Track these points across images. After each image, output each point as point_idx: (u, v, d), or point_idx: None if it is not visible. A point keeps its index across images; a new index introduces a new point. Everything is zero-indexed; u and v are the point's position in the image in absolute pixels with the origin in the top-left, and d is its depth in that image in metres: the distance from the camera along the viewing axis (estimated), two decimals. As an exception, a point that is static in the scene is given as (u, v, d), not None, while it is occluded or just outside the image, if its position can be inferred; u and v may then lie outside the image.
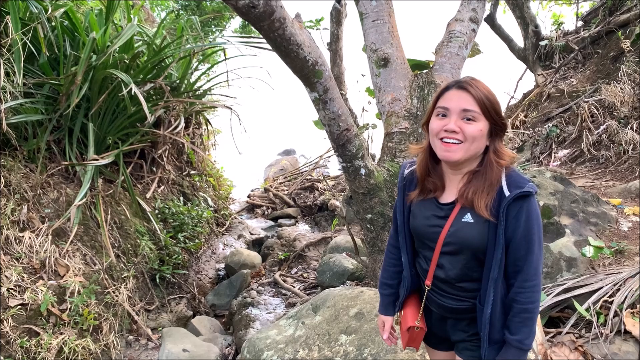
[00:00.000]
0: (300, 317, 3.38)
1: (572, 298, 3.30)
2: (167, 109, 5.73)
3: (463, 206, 1.69)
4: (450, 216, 1.71)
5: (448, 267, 1.76)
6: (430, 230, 1.77)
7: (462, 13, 4.26)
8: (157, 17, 11.08)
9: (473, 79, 1.69)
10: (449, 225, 1.70)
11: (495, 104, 1.65)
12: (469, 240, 1.67)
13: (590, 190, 4.81)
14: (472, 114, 1.62)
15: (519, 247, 1.63)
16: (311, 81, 3.04)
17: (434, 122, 1.70)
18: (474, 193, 1.65)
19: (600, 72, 8.01)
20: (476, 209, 1.64)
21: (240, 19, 8.99)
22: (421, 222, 1.80)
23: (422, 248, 1.86)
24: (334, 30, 8.42)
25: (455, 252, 1.72)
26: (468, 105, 1.62)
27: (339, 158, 3.56)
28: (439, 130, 1.66)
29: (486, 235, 1.65)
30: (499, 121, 1.66)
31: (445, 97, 1.68)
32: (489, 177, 1.65)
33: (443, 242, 1.72)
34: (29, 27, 4.23)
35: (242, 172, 10.91)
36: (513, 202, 1.61)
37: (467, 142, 1.62)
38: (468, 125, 1.62)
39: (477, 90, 1.63)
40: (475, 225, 1.66)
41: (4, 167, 3.98)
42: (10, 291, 3.44)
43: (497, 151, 1.68)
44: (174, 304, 5.06)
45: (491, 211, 1.63)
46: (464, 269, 1.74)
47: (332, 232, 7.11)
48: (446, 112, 1.66)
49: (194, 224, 5.95)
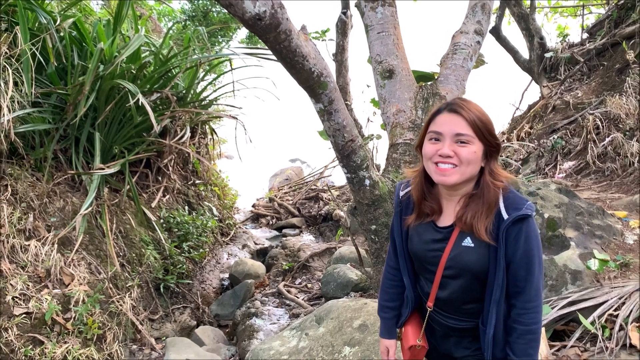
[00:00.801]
0: (304, 328, 3.38)
1: (577, 311, 3.28)
2: (173, 119, 5.76)
3: (462, 230, 1.67)
4: (449, 240, 1.70)
5: (450, 290, 1.74)
6: (430, 255, 1.75)
7: (467, 25, 4.28)
8: (164, 28, 11.18)
9: (464, 100, 1.67)
10: (449, 250, 1.69)
11: (488, 124, 1.64)
12: (470, 265, 1.66)
13: (596, 203, 4.79)
14: (466, 137, 1.59)
15: (519, 268, 1.61)
16: (316, 92, 3.06)
17: (427, 146, 1.68)
18: (472, 217, 1.63)
19: (606, 84, 8.00)
20: (476, 234, 1.63)
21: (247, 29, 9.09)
22: (420, 246, 1.79)
23: (423, 271, 1.84)
24: (339, 41, 8.48)
25: (456, 276, 1.70)
26: (461, 128, 1.60)
27: (343, 169, 3.56)
28: (432, 154, 1.64)
29: (487, 259, 1.64)
30: (493, 142, 1.64)
31: (437, 121, 1.66)
32: (486, 200, 1.64)
33: (444, 267, 1.71)
34: (39, 38, 4.27)
35: (247, 182, 10.94)
36: (512, 225, 1.59)
37: (463, 166, 1.60)
38: (462, 148, 1.59)
39: (469, 112, 1.61)
40: (475, 249, 1.65)
41: (10, 175, 4.01)
42: (15, 300, 3.46)
43: (492, 172, 1.66)
44: (177, 313, 5.06)
45: (491, 234, 1.61)
46: (465, 292, 1.72)
47: (336, 243, 7.09)
48: (439, 137, 1.64)
49: (198, 234, 5.96)
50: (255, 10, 2.25)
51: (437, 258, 1.72)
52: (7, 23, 4.54)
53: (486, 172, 1.66)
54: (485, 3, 4.34)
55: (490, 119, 1.66)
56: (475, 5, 4.34)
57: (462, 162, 1.59)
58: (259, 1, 2.25)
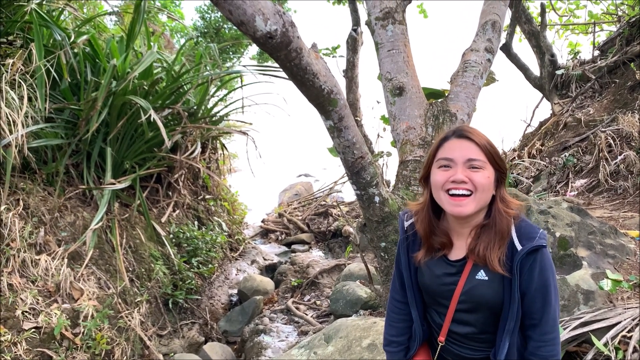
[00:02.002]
0: (313, 346, 3.35)
1: (590, 332, 3.22)
2: (184, 134, 5.80)
3: (475, 263, 1.62)
4: (463, 273, 1.64)
5: (464, 323, 1.69)
6: (443, 289, 1.69)
7: (477, 43, 4.28)
8: (177, 44, 11.31)
9: (469, 127, 1.64)
10: (463, 284, 1.63)
11: (497, 150, 1.60)
12: (485, 299, 1.61)
13: (608, 222, 4.74)
14: (479, 162, 1.54)
15: (535, 300, 1.57)
16: (326, 109, 3.06)
17: (437, 174, 1.61)
18: (485, 249, 1.57)
19: (618, 101, 7.96)
20: (489, 266, 1.57)
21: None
22: (432, 281, 1.72)
23: (434, 304, 1.77)
24: (349, 57, 8.53)
25: (471, 310, 1.65)
26: (473, 154, 1.55)
27: (353, 185, 3.55)
28: (444, 182, 1.57)
29: (502, 292, 1.59)
30: (503, 168, 1.60)
31: (445, 148, 1.61)
32: (499, 230, 1.58)
33: (458, 300, 1.65)
34: (53, 55, 4.34)
35: (257, 197, 10.95)
36: (526, 257, 1.54)
37: (478, 192, 1.54)
38: (476, 173, 1.54)
39: (479, 137, 1.57)
40: (490, 282, 1.60)
41: (23, 190, 4.05)
42: (25, 314, 3.46)
43: (504, 200, 1.62)
44: (186, 329, 5.04)
45: (504, 266, 1.56)
46: (480, 324, 1.67)
47: (345, 259, 7.06)
48: (450, 163, 1.57)
49: (207, 249, 5.96)
50: (266, 28, 2.26)
51: (451, 292, 1.66)
52: (23, 40, 4.63)
53: (497, 200, 1.61)
54: (496, 21, 4.35)
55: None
56: (486, 23, 4.34)
57: (477, 189, 1.54)
58: (270, 19, 2.27)
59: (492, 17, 4.35)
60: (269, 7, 2.25)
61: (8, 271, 3.57)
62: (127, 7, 7.92)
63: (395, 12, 4.15)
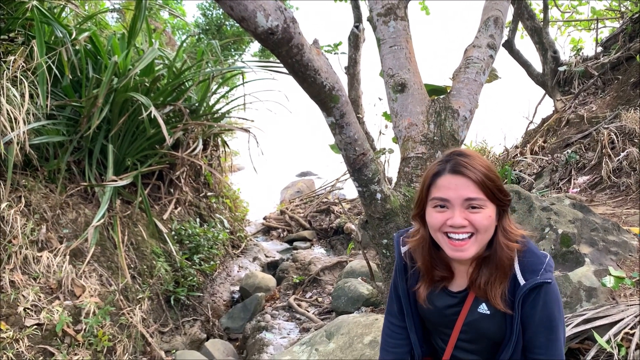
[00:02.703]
0: (314, 343, 3.35)
1: (592, 329, 3.21)
2: (186, 131, 5.80)
3: (477, 295, 1.55)
4: (464, 305, 1.57)
5: (467, 351, 1.65)
6: (445, 320, 1.64)
7: (479, 39, 4.27)
8: (178, 41, 11.30)
9: (463, 154, 1.48)
10: (465, 315, 1.57)
11: (497, 181, 1.46)
12: (487, 333, 1.56)
13: (611, 219, 4.72)
14: (478, 202, 1.43)
15: (537, 334, 1.49)
16: (328, 106, 3.06)
17: (432, 215, 1.49)
18: (485, 283, 1.50)
19: (621, 98, 7.93)
20: (491, 302, 1.50)
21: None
22: (433, 313, 1.66)
23: (437, 332, 1.73)
24: (351, 54, 8.50)
25: (473, 341, 1.61)
26: (470, 193, 1.42)
27: (354, 182, 3.55)
28: (441, 224, 1.46)
29: (504, 326, 1.53)
30: (504, 200, 1.48)
31: (439, 186, 1.47)
32: (500, 265, 1.49)
33: (460, 331, 1.60)
34: (55, 52, 4.33)
35: (259, 194, 10.95)
36: (528, 292, 1.47)
37: (479, 234, 1.44)
38: (476, 215, 1.43)
39: (475, 172, 1.42)
40: (492, 317, 1.53)
41: (24, 187, 4.05)
42: (27, 311, 3.47)
43: (505, 231, 1.50)
44: (188, 326, 5.04)
45: (506, 301, 1.50)
46: (483, 352, 1.63)
47: (347, 256, 7.06)
48: (445, 204, 1.46)
49: (209, 246, 5.96)
50: (267, 24, 2.25)
51: (453, 322, 1.61)
52: (24, 37, 4.62)
53: (499, 233, 1.50)
54: (498, 17, 4.33)
55: (496, 170, 1.50)
56: (488, 19, 4.33)
57: (479, 231, 1.44)
58: (272, 15, 2.26)
59: (495, 13, 4.33)
60: (270, 3, 2.24)
61: (10, 268, 3.57)
62: (128, 4, 7.92)
63: (397, 8, 4.13)
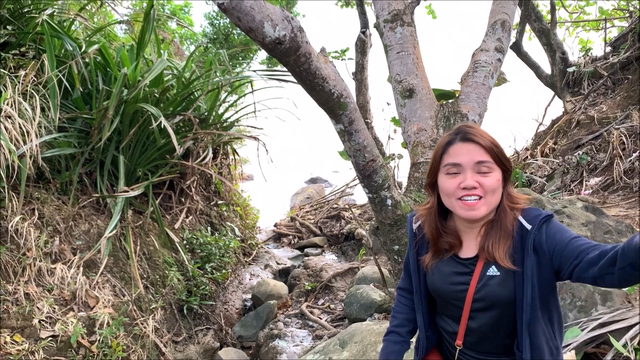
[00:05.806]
0: (327, 352, 3.34)
1: (609, 333, 3.18)
2: (196, 141, 5.83)
3: (487, 260, 1.59)
4: (474, 272, 1.61)
5: (481, 324, 1.63)
6: (454, 289, 1.65)
7: (487, 43, 4.26)
8: (187, 51, 11.39)
9: (470, 126, 1.62)
10: (476, 282, 1.60)
11: (501, 149, 1.59)
12: (498, 294, 1.56)
13: (624, 221, 4.67)
14: (487, 165, 1.54)
15: (571, 243, 1.46)
16: (336, 113, 3.06)
17: (445, 181, 1.60)
18: (492, 245, 1.57)
19: (631, 98, 7.86)
20: (499, 262, 1.55)
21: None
22: (442, 280, 1.69)
23: (447, 309, 1.73)
24: (359, 60, 8.51)
25: (486, 308, 1.60)
26: (480, 156, 1.55)
27: (364, 189, 3.54)
28: (455, 189, 1.57)
29: (513, 286, 1.55)
30: (508, 166, 1.59)
31: (451, 153, 1.59)
32: (503, 225, 1.58)
33: (472, 300, 1.61)
34: (65, 65, 4.38)
35: (269, 201, 10.97)
36: (538, 231, 1.53)
37: (488, 196, 1.55)
38: (485, 178, 1.54)
39: (484, 139, 1.56)
40: (502, 277, 1.56)
41: (37, 199, 4.09)
42: (42, 323, 3.49)
43: (510, 196, 1.62)
44: (201, 335, 5.05)
45: (512, 257, 1.55)
46: (498, 323, 1.62)
47: (359, 262, 7.04)
48: (458, 169, 1.57)
49: (221, 254, 5.97)
50: (275, 34, 2.26)
51: (463, 293, 1.62)
52: (35, 51, 4.68)
53: (504, 197, 1.61)
54: (505, 20, 4.32)
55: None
56: (495, 23, 4.32)
57: (487, 192, 1.55)
58: (279, 25, 2.27)
59: (502, 16, 4.32)
60: (277, 13, 2.25)
61: (24, 280, 3.61)
62: (136, 15, 8.00)
63: (403, 14, 4.14)
